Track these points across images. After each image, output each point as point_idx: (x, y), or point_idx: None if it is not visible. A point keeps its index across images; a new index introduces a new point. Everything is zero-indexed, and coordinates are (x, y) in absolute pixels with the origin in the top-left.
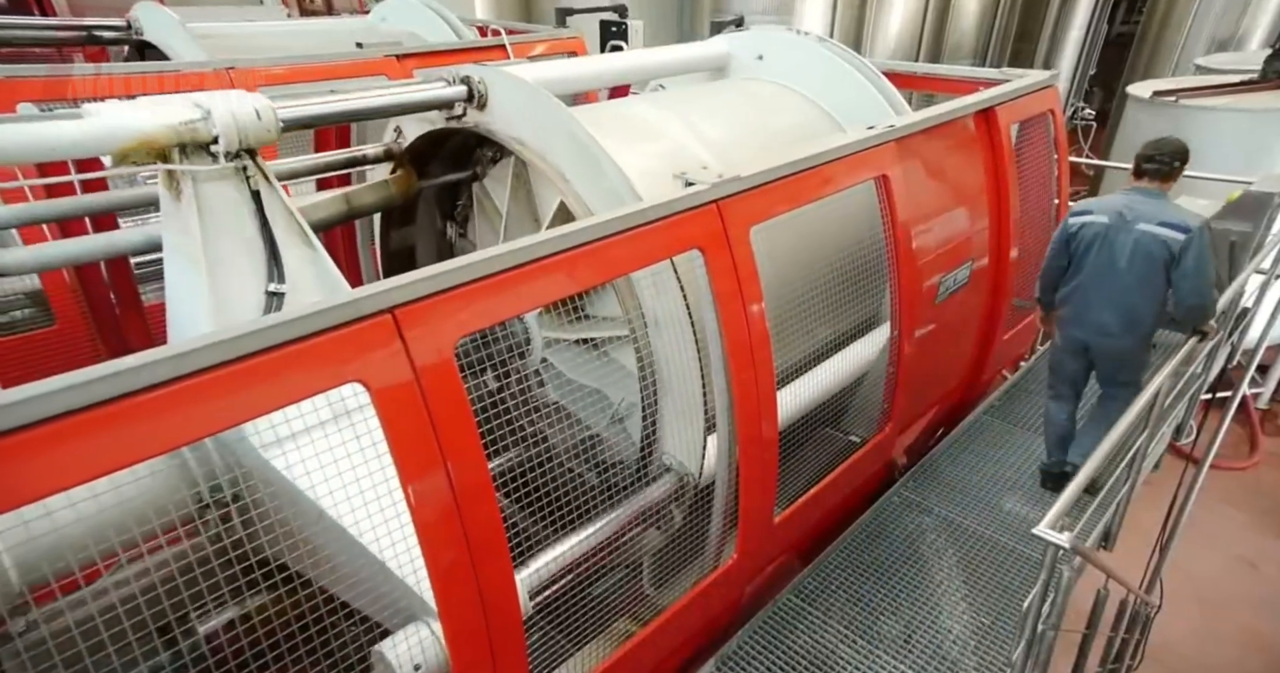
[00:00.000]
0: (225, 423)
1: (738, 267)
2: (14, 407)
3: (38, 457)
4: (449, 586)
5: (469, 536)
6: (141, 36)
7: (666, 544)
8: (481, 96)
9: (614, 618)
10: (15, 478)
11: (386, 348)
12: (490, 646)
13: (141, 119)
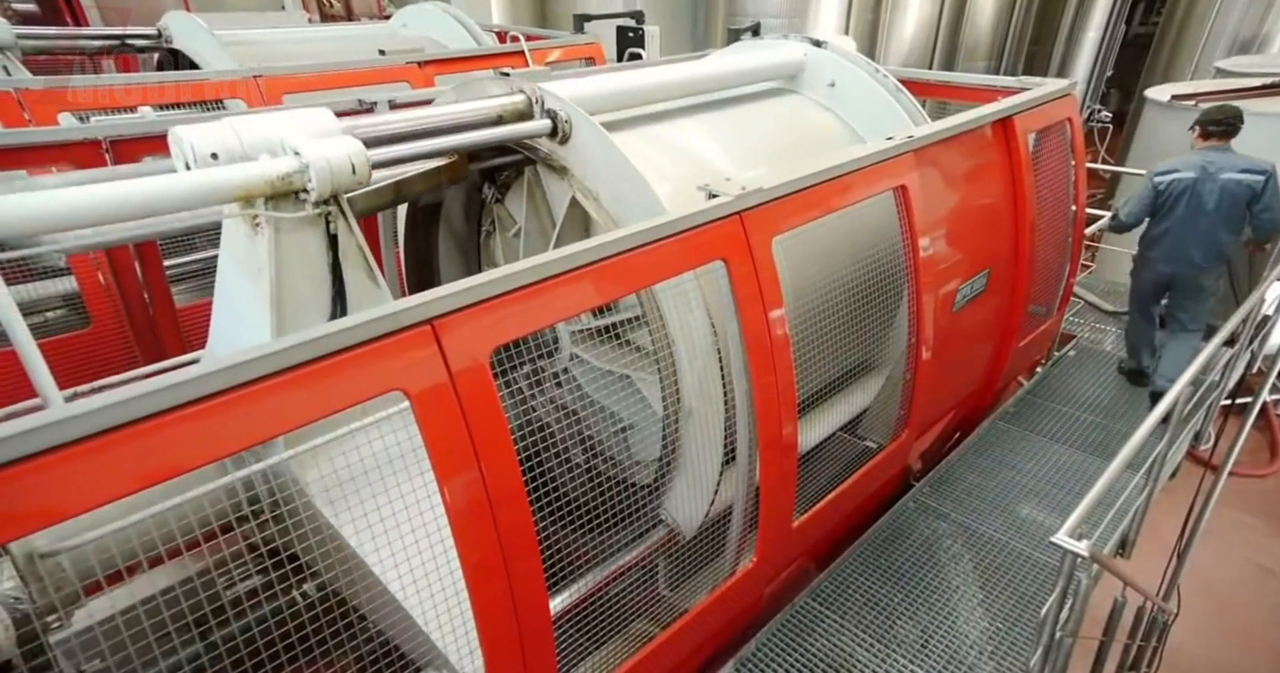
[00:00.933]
0: (279, 429)
1: (760, 276)
2: (88, 415)
3: (104, 462)
4: (481, 581)
5: (500, 534)
6: (171, 44)
7: (684, 548)
8: (565, 134)
9: (633, 620)
10: (89, 480)
11: (426, 357)
12: (520, 642)
13: (246, 174)
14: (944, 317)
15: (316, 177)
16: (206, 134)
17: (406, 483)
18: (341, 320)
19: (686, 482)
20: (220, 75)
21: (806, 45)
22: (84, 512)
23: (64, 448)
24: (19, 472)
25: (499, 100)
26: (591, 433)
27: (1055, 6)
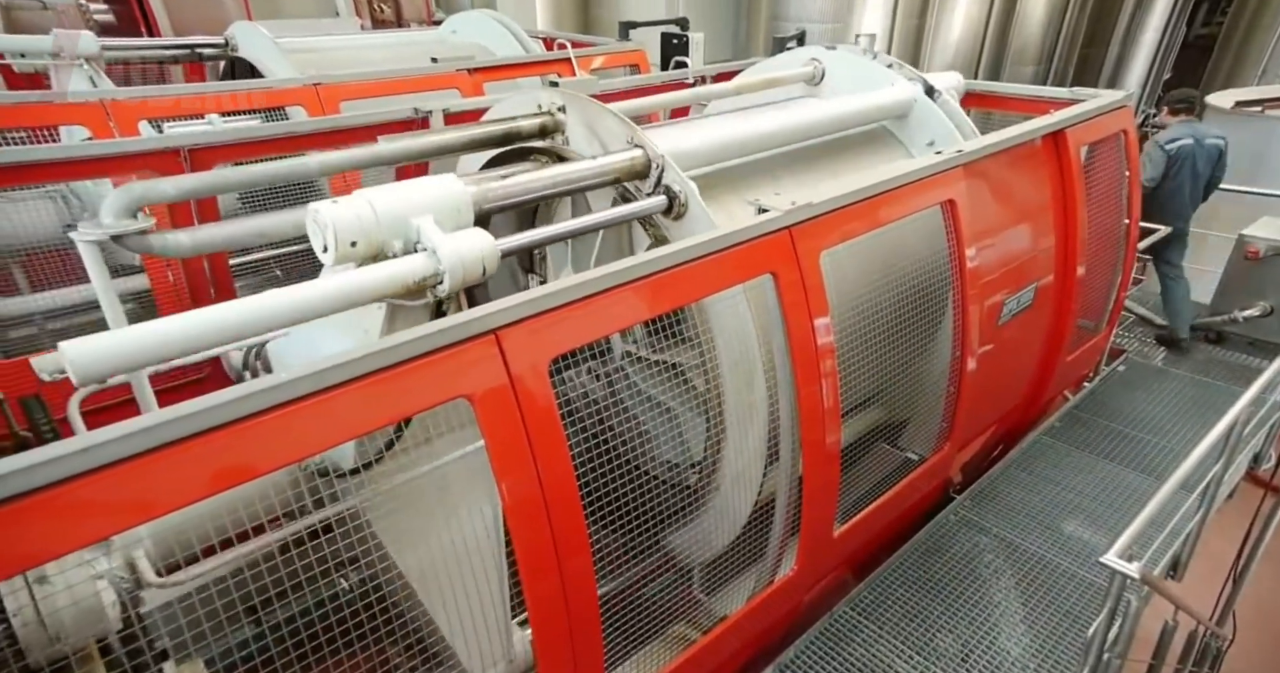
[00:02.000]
0: (356, 432)
1: (807, 288)
2: (189, 418)
3: (204, 460)
4: (535, 576)
5: (554, 531)
6: (236, 53)
7: (721, 555)
8: (680, 213)
9: (672, 623)
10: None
11: (489, 366)
12: (570, 635)
13: (388, 278)
14: (989, 330)
15: (449, 278)
16: (345, 217)
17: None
18: (413, 330)
19: (728, 486)
20: (282, 84)
21: (918, 90)
22: (185, 505)
23: (167, 447)
24: (128, 470)
25: (621, 156)
26: (642, 432)
27: (1111, 7)
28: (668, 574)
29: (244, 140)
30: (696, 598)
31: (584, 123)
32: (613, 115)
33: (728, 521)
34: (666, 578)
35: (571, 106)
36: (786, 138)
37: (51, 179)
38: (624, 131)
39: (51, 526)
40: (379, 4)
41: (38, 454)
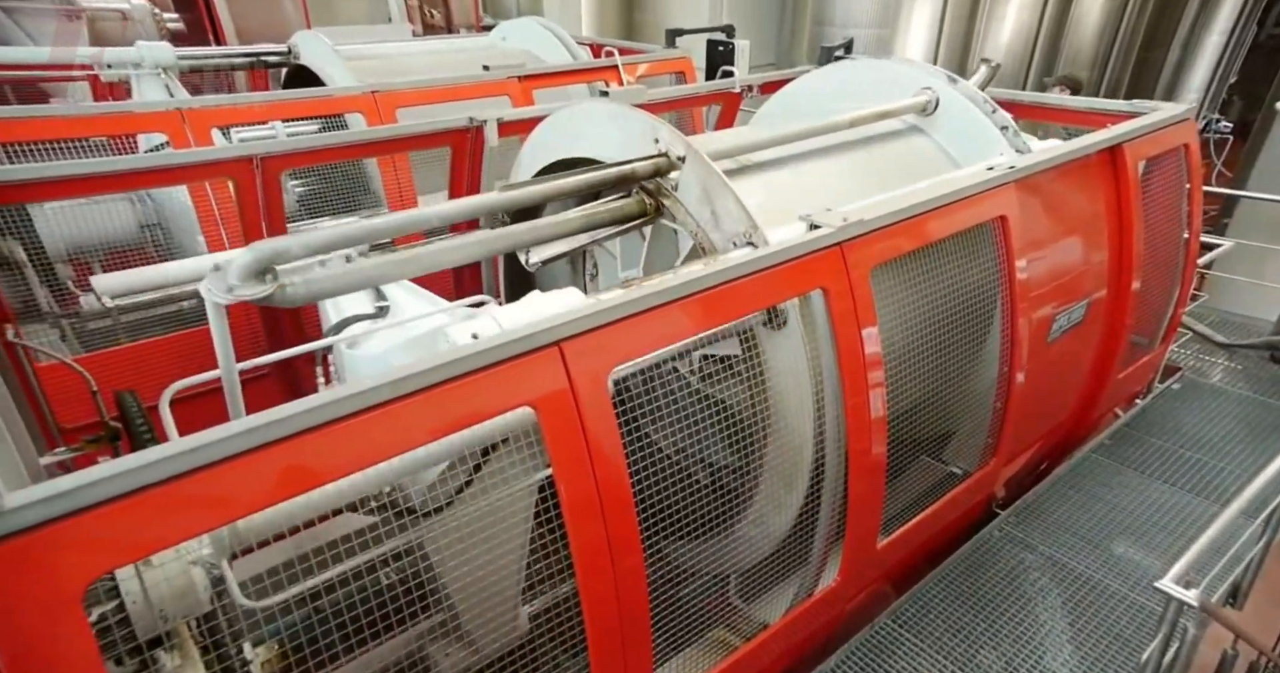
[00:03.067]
0: (430, 436)
1: (857, 303)
2: (280, 422)
3: (292, 462)
4: (590, 575)
5: (609, 532)
6: (299, 60)
7: (759, 562)
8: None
9: (713, 627)
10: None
11: (552, 375)
12: (621, 632)
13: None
14: (1038, 346)
15: None
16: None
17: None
18: (482, 341)
19: (773, 492)
20: (343, 92)
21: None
22: (281, 502)
23: (267, 447)
24: (234, 467)
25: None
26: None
27: (1174, 7)
28: (708, 579)
29: (311, 148)
30: (734, 604)
31: (700, 183)
32: (735, 199)
33: (770, 528)
34: (706, 583)
35: (693, 163)
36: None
37: (136, 187)
38: (743, 223)
39: (172, 516)
40: (429, 9)
41: (159, 452)
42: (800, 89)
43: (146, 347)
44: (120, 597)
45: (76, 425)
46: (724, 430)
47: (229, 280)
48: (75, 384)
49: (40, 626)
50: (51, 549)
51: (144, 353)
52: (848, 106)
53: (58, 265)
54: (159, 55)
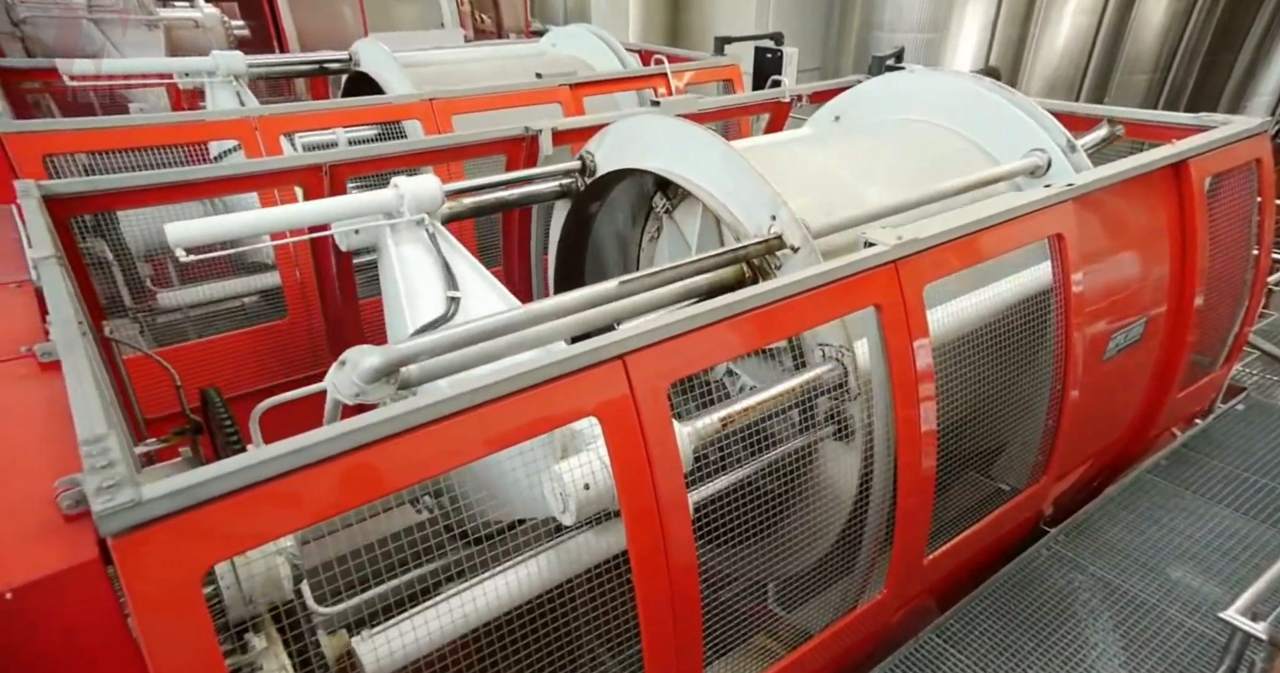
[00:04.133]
0: (505, 444)
1: (910, 320)
2: (367, 429)
3: (376, 466)
4: (646, 573)
5: (665, 533)
6: (359, 67)
7: (800, 571)
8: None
9: (755, 632)
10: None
11: (616, 387)
12: (674, 628)
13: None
14: (1093, 365)
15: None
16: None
17: None
18: (552, 354)
19: (821, 503)
20: (402, 99)
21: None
22: (364, 503)
23: (357, 450)
24: (326, 469)
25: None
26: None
27: (1246, 7)
28: (751, 585)
29: (376, 157)
30: (773, 612)
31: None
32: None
33: (818, 538)
34: (748, 588)
35: (805, 254)
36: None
37: (216, 194)
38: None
39: (277, 511)
40: (480, 14)
41: (267, 453)
42: (856, 99)
43: (215, 342)
44: (217, 582)
45: (154, 417)
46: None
47: (355, 382)
48: (155, 377)
49: (169, 604)
50: (178, 537)
51: (210, 348)
52: (906, 117)
53: (138, 263)
54: (232, 64)
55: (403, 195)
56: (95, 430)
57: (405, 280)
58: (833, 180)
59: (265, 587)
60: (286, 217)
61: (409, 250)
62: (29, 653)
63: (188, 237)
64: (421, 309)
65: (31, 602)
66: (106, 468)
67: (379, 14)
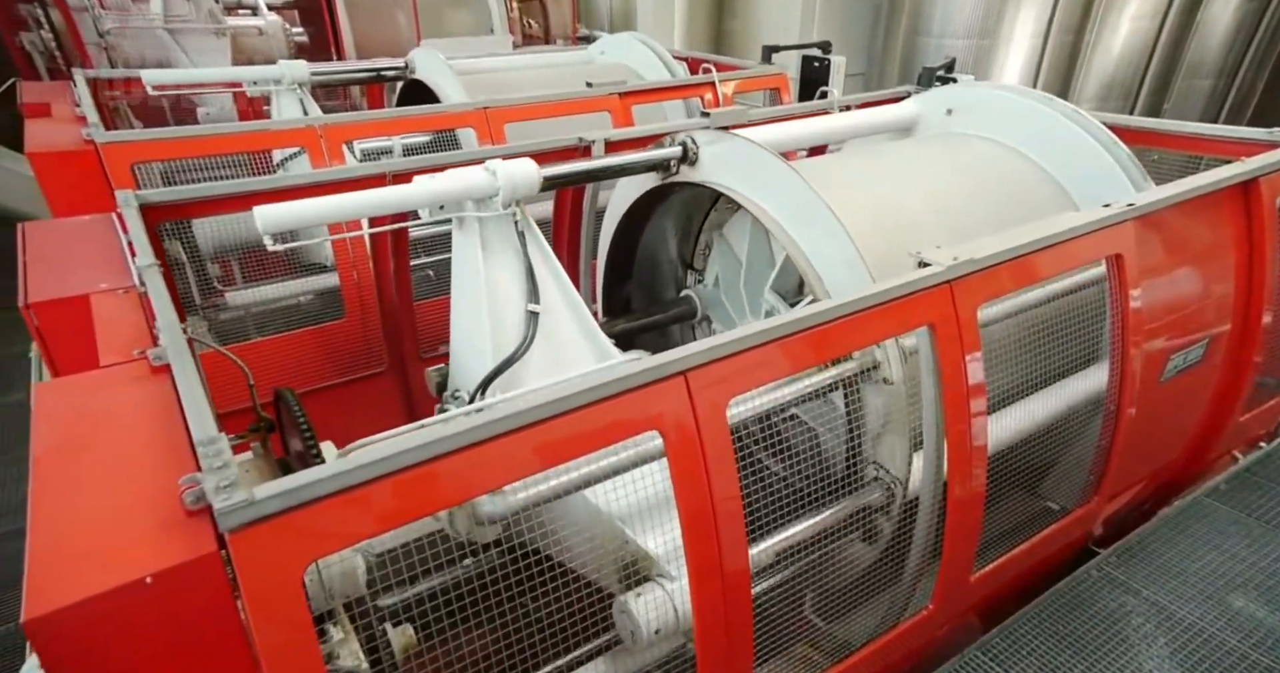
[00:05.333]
0: (573, 454)
1: (963, 338)
2: (450, 438)
3: (456, 475)
4: (702, 579)
5: (720, 540)
6: (414, 75)
7: (843, 581)
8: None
9: (796, 641)
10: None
11: (678, 403)
12: (727, 630)
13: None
14: (1150, 386)
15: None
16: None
17: None
18: (616, 370)
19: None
20: (458, 108)
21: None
22: (445, 508)
23: (434, 461)
24: (404, 478)
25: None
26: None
27: None
28: (791, 594)
29: (437, 165)
30: (811, 621)
31: None
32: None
33: (863, 551)
34: (789, 597)
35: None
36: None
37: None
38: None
39: (367, 513)
40: (528, 20)
41: (358, 459)
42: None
43: (274, 341)
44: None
45: (222, 412)
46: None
47: (460, 535)
48: (223, 373)
49: (275, 593)
50: (284, 534)
51: (270, 347)
52: (963, 129)
53: (208, 264)
54: (296, 72)
55: (498, 179)
56: (209, 433)
57: (489, 282)
58: (910, 222)
59: (343, 582)
60: (374, 200)
61: (493, 245)
62: (161, 631)
63: (276, 220)
64: (502, 318)
65: (164, 587)
66: (222, 469)
67: (432, 20)
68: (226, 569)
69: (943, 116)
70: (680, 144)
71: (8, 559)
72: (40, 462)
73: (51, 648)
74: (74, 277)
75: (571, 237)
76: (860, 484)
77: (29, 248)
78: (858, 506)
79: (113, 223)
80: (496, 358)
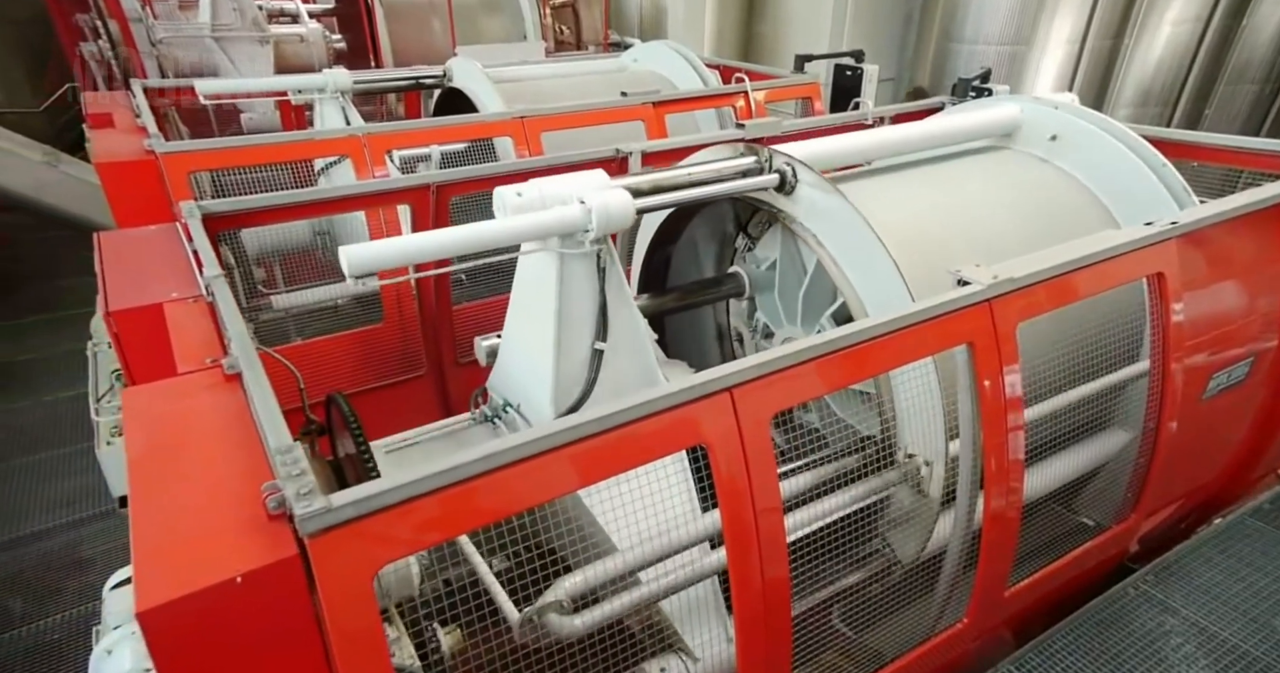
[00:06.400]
0: (629, 465)
1: (1002, 357)
2: (508, 451)
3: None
4: (742, 585)
5: (761, 550)
6: (452, 83)
7: (876, 590)
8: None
9: (825, 651)
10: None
11: (724, 418)
12: (767, 636)
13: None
14: (1191, 405)
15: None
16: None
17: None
18: (665, 386)
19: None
20: (495, 117)
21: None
22: (499, 519)
23: (488, 474)
24: (465, 489)
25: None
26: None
27: None
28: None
29: (479, 177)
30: (838, 628)
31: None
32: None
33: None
34: (819, 606)
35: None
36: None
37: (335, 212)
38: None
39: (435, 521)
40: (560, 26)
41: (421, 471)
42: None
43: (314, 345)
44: None
45: None
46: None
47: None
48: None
49: (349, 595)
50: (358, 539)
51: (311, 350)
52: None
53: (253, 268)
54: (340, 81)
55: (592, 215)
56: (284, 441)
57: (561, 313)
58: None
59: (399, 584)
60: (462, 238)
61: (572, 279)
62: (247, 625)
63: (363, 263)
64: (569, 350)
65: (251, 585)
66: (301, 476)
67: (467, 26)
68: (305, 570)
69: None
70: (778, 172)
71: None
72: (136, 463)
73: (159, 636)
74: (147, 286)
75: None
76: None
77: (105, 257)
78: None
79: (176, 232)
80: (557, 383)
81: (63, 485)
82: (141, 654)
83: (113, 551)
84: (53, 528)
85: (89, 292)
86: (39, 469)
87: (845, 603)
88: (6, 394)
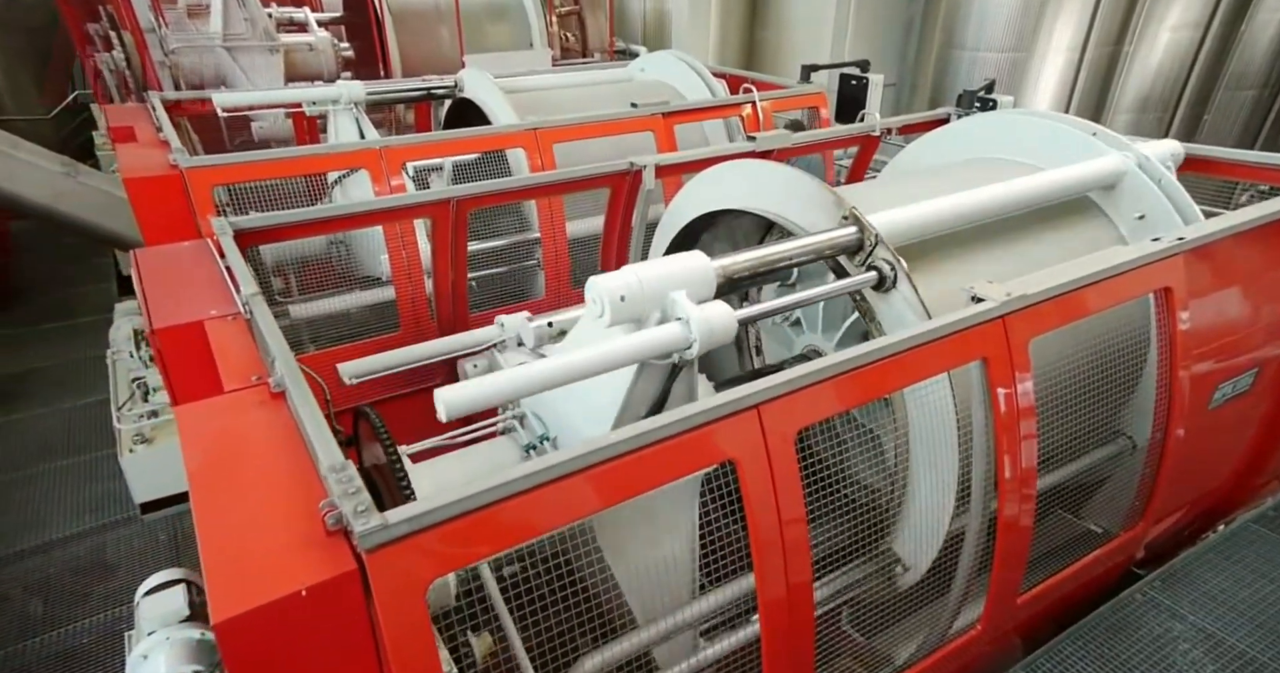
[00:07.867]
0: (663, 480)
1: (1016, 372)
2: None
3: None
4: (768, 590)
5: (786, 559)
6: (463, 93)
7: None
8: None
9: (840, 655)
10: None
11: (751, 434)
12: (790, 640)
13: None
14: (1197, 414)
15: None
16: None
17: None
18: (696, 404)
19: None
20: (508, 129)
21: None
22: (543, 534)
23: (530, 491)
24: (509, 505)
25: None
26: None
27: None
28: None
29: (496, 191)
30: (849, 634)
31: None
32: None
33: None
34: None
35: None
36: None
37: (360, 226)
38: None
39: (482, 536)
40: (566, 34)
41: (470, 489)
42: (952, 138)
43: (332, 354)
44: None
45: None
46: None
47: None
48: None
49: (403, 607)
50: (411, 555)
51: (328, 359)
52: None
53: (271, 277)
54: (353, 92)
55: (693, 333)
56: (337, 459)
57: (631, 391)
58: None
59: (438, 594)
60: (566, 370)
61: (648, 380)
62: (310, 635)
63: (461, 405)
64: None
65: (314, 598)
66: (357, 494)
67: (473, 33)
68: (362, 584)
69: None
70: (875, 268)
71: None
72: (196, 479)
73: (232, 645)
74: (186, 303)
75: (621, 243)
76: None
77: (144, 275)
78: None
79: (207, 247)
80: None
81: (86, 492)
82: (176, 659)
83: (137, 556)
84: (78, 534)
85: (104, 299)
86: (62, 476)
87: (854, 609)
88: (28, 401)
